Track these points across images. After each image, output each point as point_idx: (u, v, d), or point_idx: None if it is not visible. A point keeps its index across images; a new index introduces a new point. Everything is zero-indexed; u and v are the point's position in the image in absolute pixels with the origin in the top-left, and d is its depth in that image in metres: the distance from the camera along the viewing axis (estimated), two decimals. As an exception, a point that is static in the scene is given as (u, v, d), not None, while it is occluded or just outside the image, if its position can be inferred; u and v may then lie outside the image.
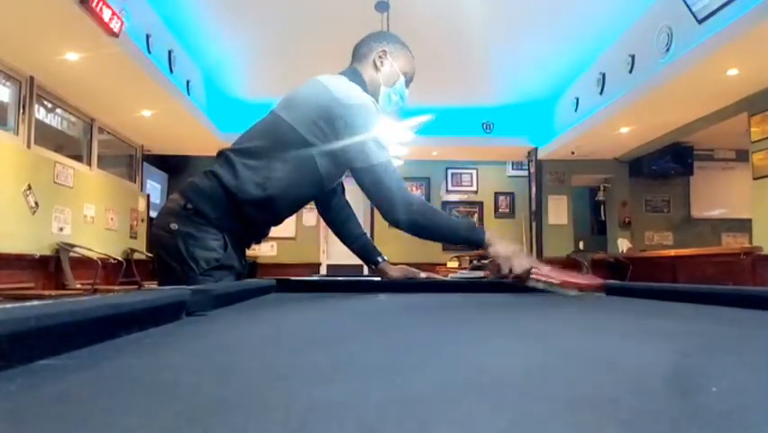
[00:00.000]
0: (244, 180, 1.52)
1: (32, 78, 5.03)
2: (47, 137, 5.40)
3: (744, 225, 6.79)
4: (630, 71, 5.49)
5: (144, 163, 7.92)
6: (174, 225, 1.50)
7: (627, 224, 8.21)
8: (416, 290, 1.82)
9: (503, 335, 0.85)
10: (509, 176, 9.38)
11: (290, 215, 1.71)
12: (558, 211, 8.19)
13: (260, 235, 1.73)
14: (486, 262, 1.57)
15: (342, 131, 1.50)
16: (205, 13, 5.46)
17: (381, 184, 1.49)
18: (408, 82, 1.77)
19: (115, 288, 5.47)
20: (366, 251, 1.92)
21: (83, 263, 5.48)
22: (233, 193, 1.51)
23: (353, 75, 1.67)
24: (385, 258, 1.93)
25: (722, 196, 8.36)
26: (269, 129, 1.59)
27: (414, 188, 9.31)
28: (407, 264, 1.95)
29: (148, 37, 5.02)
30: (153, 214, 7.44)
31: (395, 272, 1.87)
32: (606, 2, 5.04)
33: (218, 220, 1.52)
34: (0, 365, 0.45)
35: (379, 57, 1.69)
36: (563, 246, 7.89)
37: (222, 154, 1.59)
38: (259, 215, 1.58)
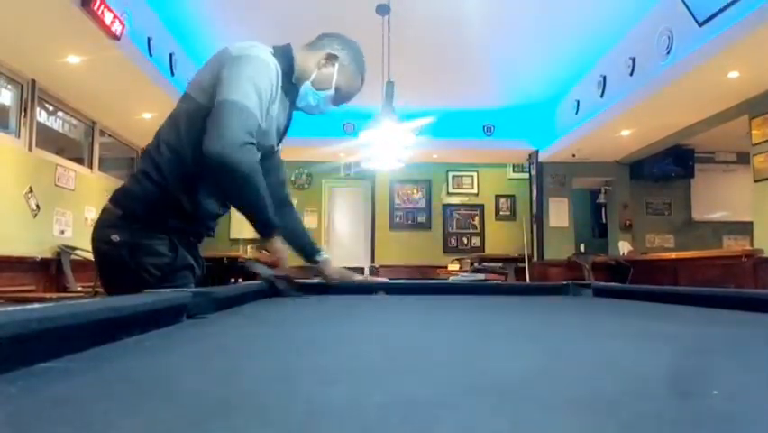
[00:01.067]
0: (165, 169, 1.43)
1: (33, 81, 5.03)
2: (48, 140, 5.41)
3: (745, 228, 6.77)
4: (631, 74, 5.48)
5: (145, 166, 7.93)
6: (116, 237, 1.40)
7: (628, 226, 8.19)
8: (416, 293, 1.82)
9: (503, 337, 0.85)
10: (510, 178, 9.37)
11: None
12: (559, 214, 8.18)
13: (209, 227, 1.63)
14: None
15: (224, 77, 1.38)
16: (206, 16, 5.47)
17: (229, 116, 1.32)
18: (340, 99, 1.65)
19: (116, 290, 5.46)
20: (305, 247, 1.80)
21: (84, 266, 5.48)
22: (163, 186, 1.42)
23: (283, 50, 1.57)
24: (326, 256, 1.81)
25: (723, 198, 8.34)
26: (177, 109, 1.52)
27: (415, 191, 9.32)
28: (408, 267, 1.93)
29: (149, 40, 5.03)
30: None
31: (332, 273, 1.80)
32: (606, 4, 5.04)
33: (159, 222, 1.44)
34: (1, 368, 0.45)
35: (327, 57, 1.58)
36: (564, 249, 7.87)
37: (144, 151, 1.52)
38: (193, 201, 1.47)
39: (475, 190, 9.41)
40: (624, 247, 7.49)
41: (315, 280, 1.86)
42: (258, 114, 1.35)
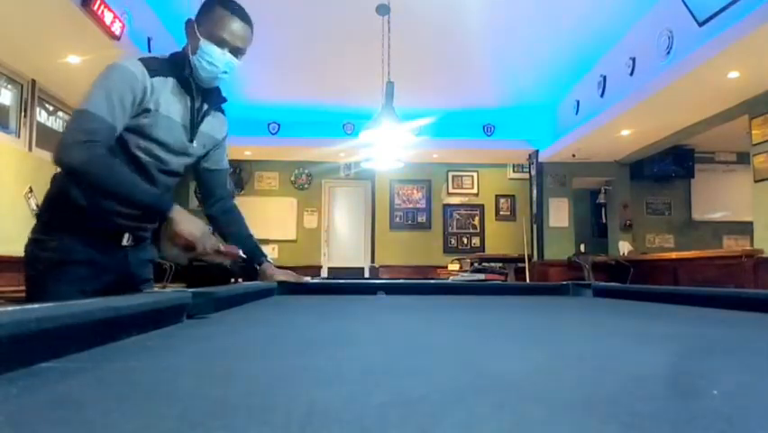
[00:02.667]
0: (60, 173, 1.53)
1: (33, 81, 5.03)
2: (48, 140, 5.40)
3: (745, 228, 6.77)
4: (631, 74, 5.48)
5: (145, 166, 7.92)
6: (30, 236, 1.57)
7: (628, 226, 8.19)
8: (416, 292, 1.82)
9: (503, 337, 0.85)
10: (510, 178, 9.36)
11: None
12: (559, 214, 8.18)
13: (131, 228, 1.59)
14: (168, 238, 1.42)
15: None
16: (207, 17, 5.47)
17: (68, 123, 1.49)
18: (227, 44, 1.56)
19: (116, 290, 5.45)
20: (250, 252, 1.81)
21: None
22: (62, 187, 1.52)
23: (176, 52, 1.64)
24: (269, 259, 1.85)
25: (723, 198, 8.35)
26: None
27: (415, 191, 9.32)
28: (408, 267, 1.92)
29: (149, 40, 5.02)
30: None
31: (279, 275, 1.80)
32: (606, 4, 5.04)
33: (58, 221, 1.54)
34: (1, 368, 0.45)
35: (185, 25, 1.61)
36: (564, 249, 7.87)
37: None
38: (86, 197, 1.51)
39: (475, 190, 9.41)
40: (624, 247, 7.49)
41: (310, 279, 1.87)
42: (105, 113, 1.41)
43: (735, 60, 4.27)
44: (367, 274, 8.77)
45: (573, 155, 7.57)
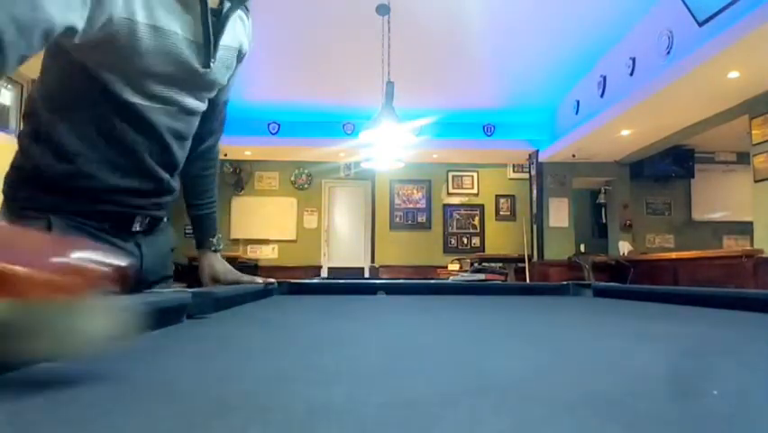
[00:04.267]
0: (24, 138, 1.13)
1: (33, 81, 5.04)
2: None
3: (745, 228, 6.77)
4: (631, 74, 5.48)
5: (145, 166, 7.91)
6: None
7: (628, 226, 8.19)
8: (416, 292, 1.82)
9: (503, 337, 0.85)
10: (510, 178, 9.37)
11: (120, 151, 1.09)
12: (559, 214, 8.18)
13: (125, 204, 1.13)
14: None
15: None
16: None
17: None
18: None
19: (116, 290, 5.45)
20: (198, 226, 1.42)
21: (84, 266, 5.47)
22: (28, 156, 1.10)
23: None
24: (217, 248, 1.44)
25: (723, 198, 8.35)
26: None
27: (415, 191, 9.32)
28: (408, 267, 1.90)
29: (149, 40, 5.03)
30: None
31: (209, 272, 1.42)
32: (606, 4, 5.04)
33: (28, 200, 1.09)
34: (1, 368, 0.45)
35: None
36: (564, 249, 7.87)
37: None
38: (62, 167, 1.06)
39: (475, 190, 9.41)
40: (624, 247, 7.49)
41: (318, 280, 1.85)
42: None
43: (735, 60, 4.27)
44: (367, 274, 8.77)
45: (573, 155, 7.57)
